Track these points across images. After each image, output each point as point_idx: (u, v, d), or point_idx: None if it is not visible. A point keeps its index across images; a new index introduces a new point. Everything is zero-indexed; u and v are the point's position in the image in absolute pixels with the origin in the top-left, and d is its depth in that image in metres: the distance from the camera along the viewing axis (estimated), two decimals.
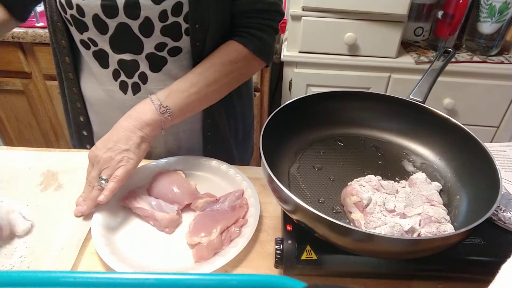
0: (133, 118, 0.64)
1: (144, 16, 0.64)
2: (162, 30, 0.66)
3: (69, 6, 0.65)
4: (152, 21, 0.65)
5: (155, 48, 0.68)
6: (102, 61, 0.71)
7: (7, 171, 0.73)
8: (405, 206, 0.53)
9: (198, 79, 0.68)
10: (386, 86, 1.41)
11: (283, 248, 0.51)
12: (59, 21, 0.70)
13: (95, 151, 0.63)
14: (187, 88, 0.67)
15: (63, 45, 0.72)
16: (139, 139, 0.63)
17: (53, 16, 0.69)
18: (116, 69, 0.71)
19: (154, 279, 0.30)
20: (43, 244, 0.58)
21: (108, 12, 0.64)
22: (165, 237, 0.61)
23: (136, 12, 0.64)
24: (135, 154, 0.63)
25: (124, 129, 0.63)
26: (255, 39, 0.71)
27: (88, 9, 0.64)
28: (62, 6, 0.66)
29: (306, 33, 1.34)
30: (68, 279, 0.30)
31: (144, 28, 0.66)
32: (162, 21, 0.65)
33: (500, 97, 1.38)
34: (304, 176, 0.61)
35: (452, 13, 1.30)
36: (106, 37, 0.67)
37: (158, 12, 0.64)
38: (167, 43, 0.68)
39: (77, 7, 0.64)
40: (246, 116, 0.91)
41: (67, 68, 0.75)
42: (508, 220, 0.54)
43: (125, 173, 0.62)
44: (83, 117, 0.81)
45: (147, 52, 0.69)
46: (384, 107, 0.68)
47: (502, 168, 0.70)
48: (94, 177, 0.62)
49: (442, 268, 0.51)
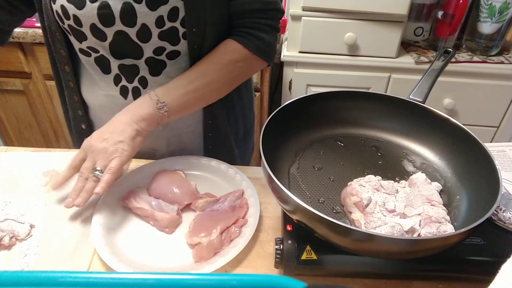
0: (130, 112, 0.65)
1: (140, 23, 0.64)
2: (159, 35, 0.66)
3: (66, 17, 0.65)
4: (149, 28, 0.65)
5: (153, 53, 0.69)
6: (104, 67, 0.71)
7: (9, 172, 0.73)
8: (405, 206, 0.53)
9: (196, 77, 0.68)
10: (386, 86, 1.41)
11: (283, 248, 0.51)
12: (57, 31, 0.69)
13: (90, 141, 0.63)
14: (185, 86, 0.68)
15: (62, 54, 0.72)
16: (134, 132, 0.64)
17: (51, 26, 0.69)
18: (118, 74, 0.71)
19: (154, 279, 0.31)
20: (55, 243, 0.59)
21: (104, 21, 0.64)
22: (165, 237, 0.61)
23: (132, 19, 0.64)
24: (129, 146, 0.63)
25: (121, 122, 0.64)
26: (254, 39, 0.71)
27: (85, 19, 0.64)
28: (59, 17, 0.66)
29: (306, 33, 1.34)
30: (68, 279, 0.30)
31: (141, 35, 0.66)
32: (159, 26, 0.65)
33: (500, 97, 1.38)
34: (304, 176, 0.61)
35: (452, 13, 1.30)
36: (106, 44, 0.67)
37: (155, 18, 0.64)
38: (166, 47, 0.68)
39: (74, 17, 0.64)
40: (247, 115, 0.91)
41: (67, 77, 0.75)
42: (508, 220, 0.54)
43: (119, 164, 0.62)
44: (84, 124, 0.81)
45: (147, 56, 0.69)
46: (384, 107, 0.68)
47: (502, 168, 0.70)
48: (88, 168, 0.62)
49: (442, 268, 0.51)
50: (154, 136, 0.76)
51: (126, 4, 0.63)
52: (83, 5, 0.63)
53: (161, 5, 0.63)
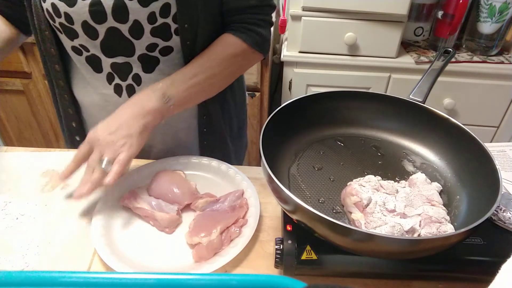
0: (136, 105, 0.64)
1: (133, 19, 0.64)
2: (151, 31, 0.66)
3: (57, 15, 0.65)
4: (141, 24, 0.65)
5: (146, 49, 0.69)
6: (95, 66, 0.71)
7: (9, 172, 0.73)
8: (405, 206, 0.53)
9: (199, 71, 0.69)
10: (386, 86, 1.41)
11: (283, 248, 0.51)
12: (47, 30, 0.69)
13: (96, 134, 0.62)
14: (188, 79, 0.68)
15: (52, 53, 0.72)
16: (141, 127, 0.63)
17: (40, 25, 0.69)
18: (110, 72, 0.71)
19: (154, 279, 0.31)
20: (55, 243, 0.59)
21: (96, 18, 0.64)
22: (165, 237, 0.61)
23: (124, 16, 0.64)
24: (137, 140, 0.62)
25: (127, 115, 0.63)
26: (253, 34, 0.72)
27: (77, 16, 0.64)
28: (50, 15, 0.66)
29: (306, 33, 1.34)
30: (68, 279, 0.30)
31: (133, 31, 0.66)
32: (151, 23, 0.65)
33: (500, 97, 1.38)
34: (304, 176, 0.61)
35: (452, 13, 1.30)
36: (97, 43, 0.67)
37: (147, 14, 0.64)
38: (158, 44, 0.69)
39: (65, 15, 0.64)
40: (239, 111, 0.92)
41: (57, 75, 0.75)
42: (508, 220, 0.54)
43: (127, 158, 0.61)
44: (75, 122, 0.81)
45: (139, 53, 0.69)
46: (384, 107, 0.68)
47: (502, 168, 0.70)
48: (95, 160, 0.61)
49: (442, 268, 0.51)
50: None
51: (118, 1, 0.63)
52: (75, 2, 0.63)
53: (152, 1, 0.63)
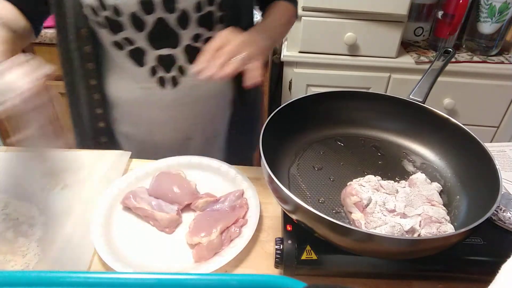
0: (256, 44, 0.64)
1: (181, 8, 0.66)
2: (198, 20, 0.68)
3: (104, 8, 0.64)
4: (188, 13, 0.67)
5: (191, 40, 0.71)
6: (138, 59, 0.71)
7: (9, 172, 0.73)
8: (405, 206, 0.53)
9: (277, 24, 0.78)
10: (386, 86, 1.41)
11: (283, 248, 0.51)
12: (85, 27, 0.67)
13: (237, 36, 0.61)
14: (274, 28, 0.76)
15: (87, 51, 0.70)
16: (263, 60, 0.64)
17: (77, 23, 0.67)
18: (153, 66, 0.72)
19: (154, 279, 0.31)
20: (55, 243, 0.59)
21: (146, 8, 0.65)
22: (165, 237, 0.61)
23: (173, 5, 0.65)
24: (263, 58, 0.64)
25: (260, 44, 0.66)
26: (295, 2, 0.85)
27: (125, 7, 0.64)
28: (92, 10, 0.65)
29: (306, 33, 1.34)
30: (68, 279, 0.30)
31: (180, 21, 0.67)
32: (198, 11, 0.67)
33: (500, 97, 1.38)
34: (304, 176, 0.61)
35: (452, 13, 1.30)
36: (143, 34, 0.68)
37: (194, 2, 0.66)
38: (203, 34, 0.71)
39: (113, 7, 0.64)
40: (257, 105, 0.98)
41: (90, 74, 0.73)
42: (508, 220, 0.54)
43: (259, 63, 0.61)
44: (104, 123, 0.79)
45: (184, 44, 0.71)
46: (384, 107, 0.68)
47: (502, 168, 0.70)
48: (232, 51, 0.59)
49: (442, 268, 0.52)
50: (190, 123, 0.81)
51: None
52: None
53: None
